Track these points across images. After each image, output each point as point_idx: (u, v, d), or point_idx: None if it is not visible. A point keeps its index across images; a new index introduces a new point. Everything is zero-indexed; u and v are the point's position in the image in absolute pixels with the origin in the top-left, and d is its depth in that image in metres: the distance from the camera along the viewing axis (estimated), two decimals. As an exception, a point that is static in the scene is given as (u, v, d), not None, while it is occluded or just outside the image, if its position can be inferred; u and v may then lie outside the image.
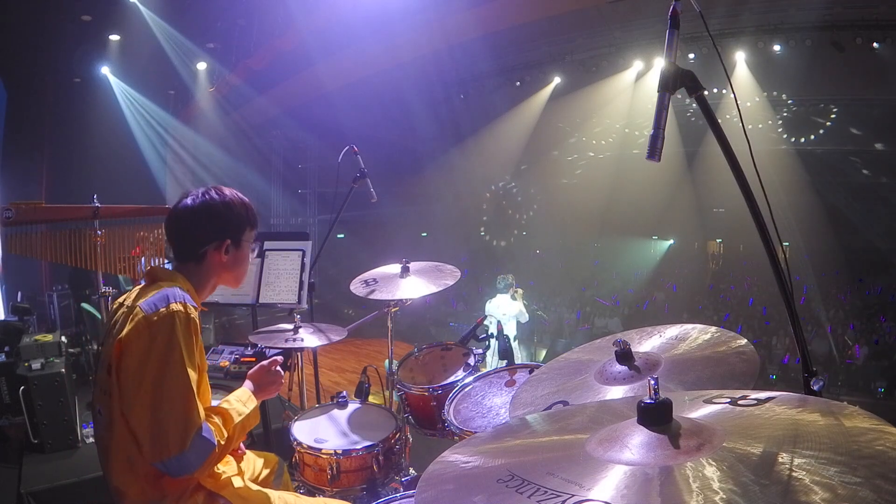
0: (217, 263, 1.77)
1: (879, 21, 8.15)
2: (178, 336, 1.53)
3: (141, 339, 1.53)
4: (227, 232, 1.76)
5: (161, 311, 1.54)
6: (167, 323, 1.53)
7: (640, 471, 0.84)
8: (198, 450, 1.52)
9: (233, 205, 1.78)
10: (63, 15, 8.41)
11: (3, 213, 3.01)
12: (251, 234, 1.84)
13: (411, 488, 2.21)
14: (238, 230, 1.79)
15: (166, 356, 1.52)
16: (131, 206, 3.51)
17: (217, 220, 1.75)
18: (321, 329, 2.81)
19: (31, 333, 3.72)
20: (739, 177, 1.31)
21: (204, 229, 1.75)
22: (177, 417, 1.51)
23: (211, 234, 1.75)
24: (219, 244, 1.75)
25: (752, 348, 1.45)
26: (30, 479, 2.79)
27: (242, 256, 1.82)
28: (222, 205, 1.76)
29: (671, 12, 1.32)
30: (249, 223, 1.82)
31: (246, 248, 1.83)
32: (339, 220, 3.52)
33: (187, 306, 1.59)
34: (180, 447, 1.49)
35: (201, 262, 1.76)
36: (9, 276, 8.03)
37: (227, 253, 1.77)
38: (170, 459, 1.49)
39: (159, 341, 1.52)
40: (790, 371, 8.96)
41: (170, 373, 1.51)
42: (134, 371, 1.52)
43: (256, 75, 10.21)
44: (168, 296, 1.58)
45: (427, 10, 7.89)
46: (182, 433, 1.50)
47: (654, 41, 9.72)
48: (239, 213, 1.79)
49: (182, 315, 1.56)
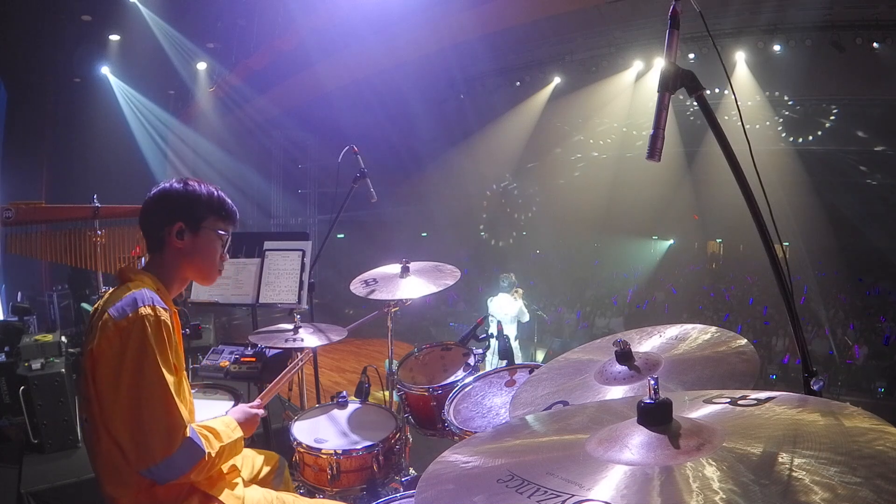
0: (174, 251, 1.72)
1: (879, 21, 8.16)
2: (149, 340, 1.50)
3: (112, 346, 1.50)
4: (180, 214, 1.71)
5: (130, 317, 1.51)
6: (137, 328, 1.50)
7: (640, 471, 0.84)
8: (186, 453, 1.49)
9: (193, 191, 1.74)
10: (63, 15, 8.42)
11: (3, 213, 3.01)
12: (216, 223, 1.77)
13: (411, 488, 2.21)
14: (193, 213, 1.72)
15: (140, 362, 1.48)
16: (131, 206, 3.51)
17: (171, 202, 1.72)
18: (321, 329, 2.81)
19: (31, 333, 3.72)
20: (739, 177, 1.31)
21: (159, 213, 1.72)
22: (159, 422, 1.48)
23: (164, 217, 1.71)
24: (170, 227, 1.70)
25: (752, 348, 1.45)
26: (30, 479, 2.79)
27: (202, 244, 1.75)
28: (180, 189, 1.73)
29: (671, 12, 1.32)
30: (212, 210, 1.76)
31: (208, 237, 1.75)
32: (339, 220, 3.52)
33: (156, 308, 1.55)
34: (166, 452, 1.47)
35: (163, 251, 1.72)
36: (9, 276, 8.03)
37: (182, 238, 1.71)
38: (156, 466, 1.47)
39: (131, 347, 1.49)
40: (790, 371, 8.96)
41: (145, 378, 1.48)
42: (109, 380, 1.49)
43: (256, 75, 10.22)
44: (136, 299, 1.54)
45: (427, 10, 7.89)
46: (166, 437, 1.47)
47: (654, 41, 9.72)
48: (197, 197, 1.74)
49: (152, 318, 1.52)
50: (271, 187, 15.38)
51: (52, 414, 3.02)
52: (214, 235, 1.77)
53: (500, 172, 17.46)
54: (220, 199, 1.79)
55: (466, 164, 15.32)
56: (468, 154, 14.95)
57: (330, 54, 9.07)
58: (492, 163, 15.87)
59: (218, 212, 1.78)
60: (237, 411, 1.87)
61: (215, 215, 1.78)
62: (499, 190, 18.76)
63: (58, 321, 7.25)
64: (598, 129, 14.65)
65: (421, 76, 11.09)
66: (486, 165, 15.92)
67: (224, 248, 1.83)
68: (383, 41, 8.62)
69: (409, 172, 14.78)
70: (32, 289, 8.58)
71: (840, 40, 8.48)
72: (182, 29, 9.49)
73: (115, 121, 10.66)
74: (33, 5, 7.87)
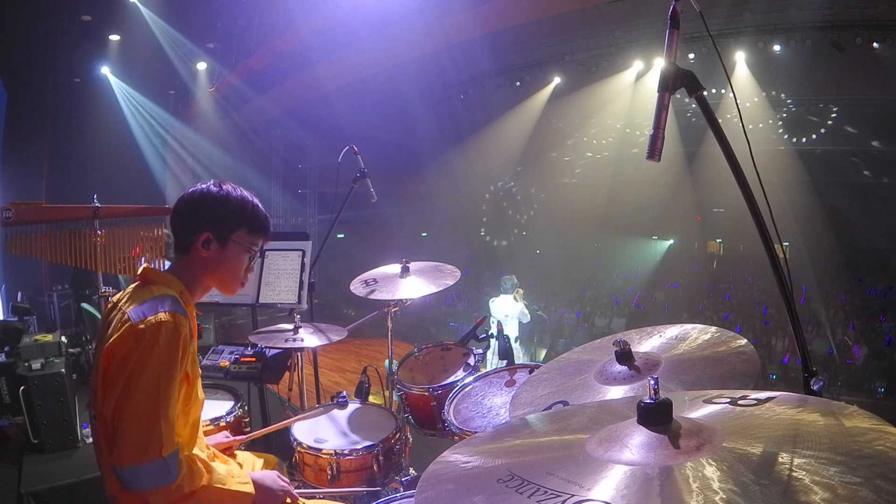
0: (199, 259, 1.68)
1: (879, 21, 8.16)
2: (158, 349, 1.48)
3: (126, 346, 1.49)
4: (210, 224, 1.66)
5: (149, 320, 1.49)
6: (152, 333, 1.48)
7: (640, 471, 0.84)
8: (152, 471, 1.45)
9: (228, 200, 1.68)
10: (63, 15, 8.42)
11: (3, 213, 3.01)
12: (247, 237, 1.71)
13: (411, 488, 2.21)
14: (223, 225, 1.67)
15: (142, 367, 1.46)
16: (131, 206, 3.51)
17: (203, 209, 1.67)
18: (321, 329, 2.81)
19: (31, 333, 3.72)
20: (739, 177, 1.31)
21: (190, 218, 1.68)
22: (135, 431, 1.44)
23: (194, 224, 1.66)
24: (198, 235, 1.65)
25: (752, 348, 1.45)
26: (30, 479, 2.79)
27: (228, 257, 1.69)
28: (215, 196, 1.67)
29: (671, 12, 1.32)
30: (243, 222, 1.70)
31: (235, 251, 1.69)
32: (339, 220, 3.52)
33: (175, 316, 1.52)
34: (133, 460, 1.43)
35: (188, 255, 1.69)
36: (9, 276, 8.04)
37: (208, 248, 1.66)
38: (121, 468, 1.44)
39: (139, 351, 1.47)
40: (790, 371, 8.96)
41: (139, 385, 1.45)
42: (114, 377, 1.49)
43: (256, 75, 10.22)
44: (157, 304, 1.53)
45: (427, 10, 7.89)
46: (136, 448, 1.43)
47: (654, 41, 9.73)
48: (231, 209, 1.68)
49: (169, 325, 1.50)
50: (271, 187, 15.37)
51: (52, 414, 3.02)
52: (242, 249, 1.71)
53: (500, 172, 17.46)
54: (253, 210, 1.73)
55: (466, 164, 15.33)
56: (468, 154, 14.95)
57: (330, 54, 9.08)
58: (492, 163, 15.87)
59: (250, 224, 1.72)
60: (267, 475, 1.78)
61: (246, 228, 1.71)
62: (499, 190, 18.76)
63: (58, 321, 7.25)
64: (599, 129, 14.66)
65: (421, 76, 11.09)
66: (486, 165, 15.92)
67: (251, 262, 1.77)
68: (383, 41, 8.62)
69: (409, 172, 14.78)
70: (32, 289, 8.58)
71: (840, 40, 8.48)
72: (182, 29, 9.49)
73: (115, 121, 10.66)
74: (33, 5, 7.87)
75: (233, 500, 1.62)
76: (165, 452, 1.45)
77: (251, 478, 1.70)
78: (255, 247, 1.75)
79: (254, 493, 1.67)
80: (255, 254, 1.77)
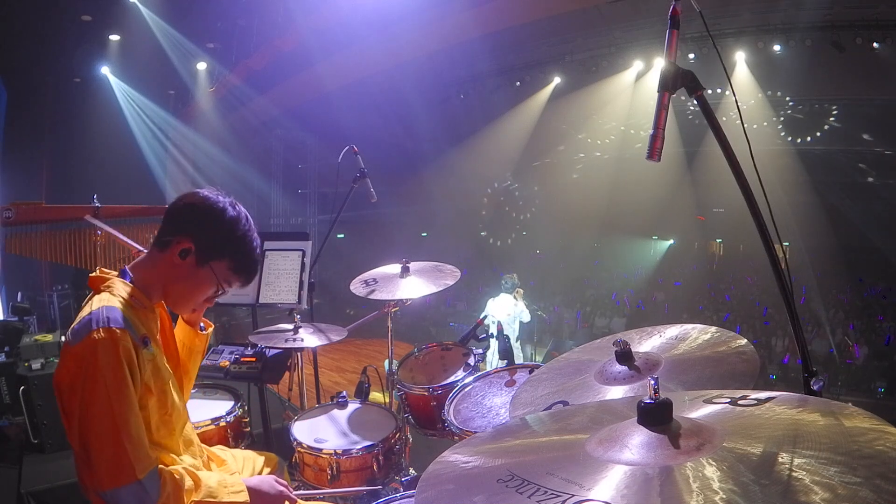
0: (169, 262, 1.55)
1: (879, 21, 8.16)
2: (101, 370, 1.36)
3: (69, 373, 1.40)
4: (199, 236, 1.54)
5: (84, 341, 1.38)
6: (89, 353, 1.37)
7: (640, 471, 0.84)
8: (132, 493, 1.38)
9: (233, 225, 1.57)
10: (63, 15, 8.41)
11: (3, 213, 3.01)
12: (225, 271, 1.59)
13: (411, 488, 2.21)
14: (210, 246, 1.55)
15: (90, 393, 1.36)
16: (131, 206, 3.51)
17: (202, 219, 1.56)
18: (321, 329, 2.81)
19: (31, 333, 3.72)
20: (739, 177, 1.31)
21: (184, 219, 1.57)
22: (104, 457, 1.37)
23: (184, 227, 1.55)
24: (181, 240, 1.54)
25: (752, 348, 1.45)
26: (30, 479, 2.79)
27: (195, 278, 1.56)
28: (223, 215, 1.56)
29: (671, 12, 1.32)
30: (232, 257, 1.57)
31: (205, 276, 1.56)
32: (339, 220, 3.52)
33: (111, 331, 1.39)
34: (111, 484, 1.38)
35: (161, 253, 1.57)
36: (9, 276, 8.03)
37: (182, 258, 1.54)
38: (104, 493, 1.38)
39: (82, 376, 1.37)
40: (790, 371, 8.96)
41: (92, 412, 1.36)
42: (67, 408, 1.41)
43: (256, 75, 10.21)
44: (91, 320, 1.41)
45: (427, 10, 7.89)
46: (110, 472, 1.37)
47: (654, 41, 9.72)
48: (229, 236, 1.56)
49: (105, 343, 1.38)
50: (271, 187, 15.38)
51: (52, 414, 3.03)
52: (213, 279, 1.58)
53: (500, 172, 17.46)
54: (248, 250, 1.61)
55: (466, 164, 15.32)
56: (468, 154, 14.95)
57: (330, 54, 9.07)
58: (492, 163, 15.87)
59: (237, 261, 1.60)
60: (264, 480, 1.71)
61: (230, 262, 1.59)
62: (499, 190, 18.77)
63: (58, 321, 7.25)
64: (599, 129, 14.65)
65: (421, 76, 11.09)
66: (486, 165, 15.91)
67: (215, 296, 1.66)
68: (383, 41, 8.62)
69: (409, 172, 14.78)
70: (32, 289, 8.58)
71: (840, 40, 8.48)
72: (182, 29, 9.48)
73: (115, 121, 10.65)
74: (33, 5, 7.86)
75: None
76: (140, 475, 1.39)
77: (246, 484, 1.64)
78: (228, 285, 1.62)
79: (249, 500, 1.61)
80: (223, 292, 1.64)
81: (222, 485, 1.58)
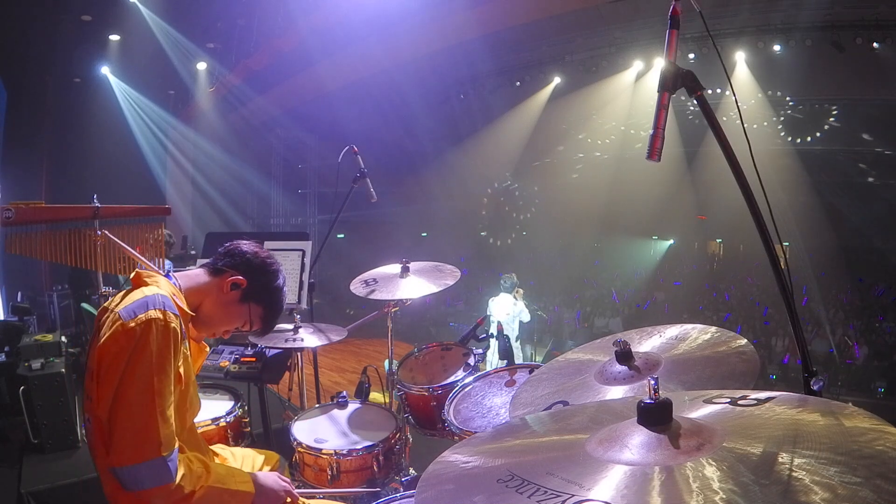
0: (216, 286, 1.74)
1: (879, 21, 8.16)
2: (150, 346, 1.47)
3: (118, 345, 1.48)
4: (252, 280, 1.75)
5: (139, 318, 1.48)
6: (143, 330, 1.47)
7: (640, 471, 0.84)
8: (151, 470, 1.44)
9: (280, 284, 1.82)
10: (63, 15, 8.42)
11: (3, 213, 3.00)
12: (259, 315, 1.81)
13: (411, 488, 2.21)
14: (258, 289, 1.77)
15: (136, 365, 1.45)
16: (131, 206, 3.50)
17: (259, 266, 1.77)
18: (321, 329, 2.81)
19: (31, 333, 3.72)
20: (739, 177, 1.31)
21: (244, 259, 1.77)
22: (132, 429, 1.44)
23: (241, 265, 1.75)
24: (238, 274, 1.74)
25: (752, 348, 1.45)
26: (30, 479, 2.79)
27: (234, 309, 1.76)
28: (274, 272, 1.81)
29: (671, 12, 1.32)
30: (268, 307, 1.81)
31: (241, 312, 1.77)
32: (339, 220, 3.52)
33: (167, 314, 1.52)
34: (131, 459, 1.43)
35: (212, 275, 1.75)
36: (9, 276, 8.04)
37: (232, 289, 1.74)
38: (121, 468, 1.43)
39: (131, 349, 1.46)
40: (790, 371, 8.96)
41: (134, 384, 1.44)
42: (108, 378, 1.47)
43: (256, 75, 10.22)
44: (147, 302, 1.52)
45: (427, 10, 7.90)
46: (134, 446, 1.43)
47: (654, 41, 9.73)
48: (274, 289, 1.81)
49: (160, 323, 1.49)
50: (271, 187, 15.38)
51: (52, 414, 3.02)
52: (246, 316, 1.79)
53: (500, 172, 17.45)
54: (278, 306, 1.85)
55: (466, 164, 15.33)
56: (468, 154, 14.95)
57: (330, 54, 9.08)
58: (492, 163, 15.87)
59: (270, 312, 1.83)
60: (269, 476, 1.79)
61: (266, 310, 1.81)
62: (499, 190, 18.76)
63: (58, 321, 7.26)
64: (598, 129, 14.65)
65: (421, 76, 11.09)
66: (486, 165, 15.92)
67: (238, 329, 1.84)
68: (383, 41, 8.62)
69: (410, 172, 14.79)
70: (32, 289, 8.58)
71: (840, 40, 8.49)
72: (182, 29, 9.49)
73: (115, 121, 10.65)
74: (33, 5, 7.86)
75: (233, 500, 1.62)
76: (164, 451, 1.45)
77: (252, 477, 1.70)
78: (251, 326, 1.82)
79: (254, 491, 1.66)
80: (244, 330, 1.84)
81: (230, 474, 1.66)
